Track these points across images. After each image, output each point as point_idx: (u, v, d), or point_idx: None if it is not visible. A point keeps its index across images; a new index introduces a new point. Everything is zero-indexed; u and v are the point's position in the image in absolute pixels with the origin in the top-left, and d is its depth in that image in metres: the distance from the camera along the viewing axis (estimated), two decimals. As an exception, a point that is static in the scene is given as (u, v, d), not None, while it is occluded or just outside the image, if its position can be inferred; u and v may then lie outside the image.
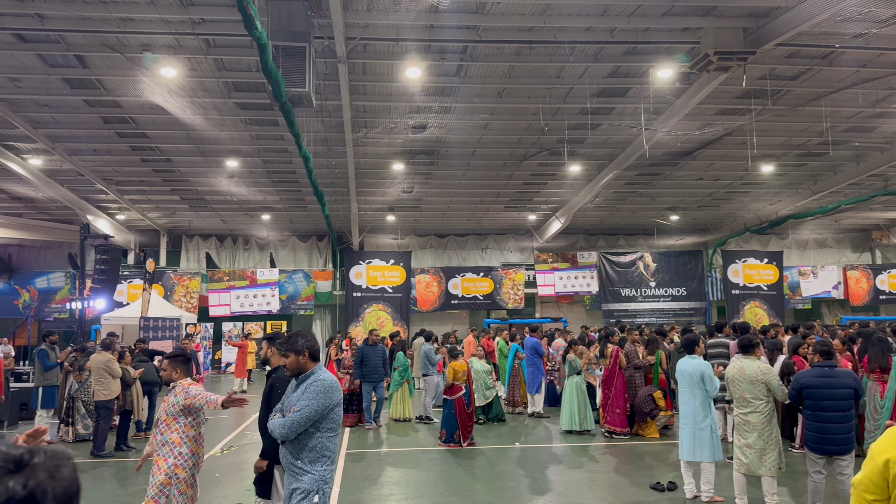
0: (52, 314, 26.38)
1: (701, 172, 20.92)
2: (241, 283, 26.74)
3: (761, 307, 28.24)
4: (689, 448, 7.45)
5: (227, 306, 26.49)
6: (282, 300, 26.94)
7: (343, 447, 10.81)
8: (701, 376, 7.44)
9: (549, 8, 11.24)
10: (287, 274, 27.39)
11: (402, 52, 12.65)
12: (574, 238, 29.77)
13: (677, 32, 12.06)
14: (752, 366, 6.97)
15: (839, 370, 6.63)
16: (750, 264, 28.60)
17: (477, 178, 20.98)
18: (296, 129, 12.77)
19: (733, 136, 17.25)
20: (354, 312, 27.07)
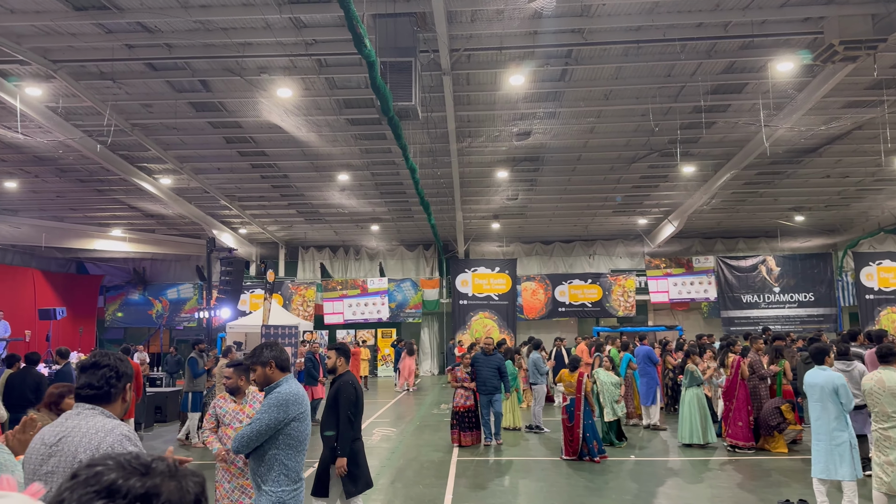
0: (181, 323, 28.38)
1: (828, 170, 19.53)
2: (352, 291, 27.65)
3: (901, 313, 25.93)
4: (823, 465, 6.94)
5: (340, 314, 27.46)
6: (391, 308, 27.60)
7: (453, 456, 10.89)
8: (834, 389, 6.92)
9: (658, 6, 10.90)
10: (396, 282, 28.04)
11: (505, 60, 12.67)
12: (689, 242, 28.58)
13: (797, 23, 11.35)
14: (894, 377, 6.41)
15: None
16: (886, 267, 26.31)
17: (583, 182, 20.62)
18: (403, 141, 13.07)
19: (863, 129, 15.99)
20: (461, 320, 27.28)
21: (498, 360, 11.79)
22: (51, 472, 2.59)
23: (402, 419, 15.03)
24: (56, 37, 11.65)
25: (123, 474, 1.25)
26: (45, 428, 2.73)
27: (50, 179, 19.34)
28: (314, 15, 11.00)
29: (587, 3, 10.59)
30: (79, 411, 2.77)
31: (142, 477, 1.25)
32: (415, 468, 9.97)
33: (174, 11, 10.79)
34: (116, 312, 28.68)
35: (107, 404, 2.82)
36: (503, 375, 11.83)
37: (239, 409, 5.65)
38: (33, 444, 2.70)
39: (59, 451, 2.63)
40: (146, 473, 1.26)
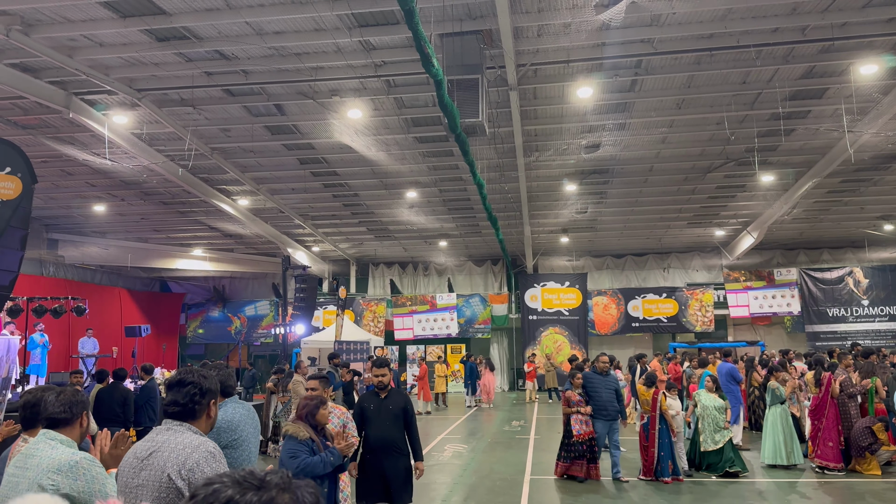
0: (259, 339, 29.27)
1: (919, 175, 18.42)
2: (422, 307, 27.85)
3: None
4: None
5: (409, 330, 27.69)
6: (460, 324, 27.65)
7: (526, 474, 10.75)
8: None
9: (731, 12, 10.60)
10: (464, 298, 28.08)
11: (572, 72, 12.58)
12: (769, 254, 27.45)
13: (881, 24, 10.82)
14: None
15: None
16: None
17: (655, 194, 20.16)
18: (470, 157, 13.12)
19: (961, 131, 15.02)
20: (531, 335, 27.03)
21: (615, 381, 10.52)
22: (141, 486, 2.70)
23: (474, 436, 14.97)
24: (140, 67, 12.33)
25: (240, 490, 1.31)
26: (139, 443, 2.86)
27: (135, 203, 20.39)
28: (383, 37, 11.24)
29: (657, 12, 10.41)
30: (168, 427, 2.87)
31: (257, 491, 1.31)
32: (487, 486, 9.89)
33: (250, 39, 11.24)
34: (197, 329, 29.83)
35: (192, 420, 2.90)
36: (620, 399, 10.52)
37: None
38: (127, 457, 2.83)
39: (149, 465, 2.74)
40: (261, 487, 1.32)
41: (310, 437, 5.05)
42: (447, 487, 9.82)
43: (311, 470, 4.90)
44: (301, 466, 4.85)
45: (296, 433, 5.05)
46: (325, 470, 4.99)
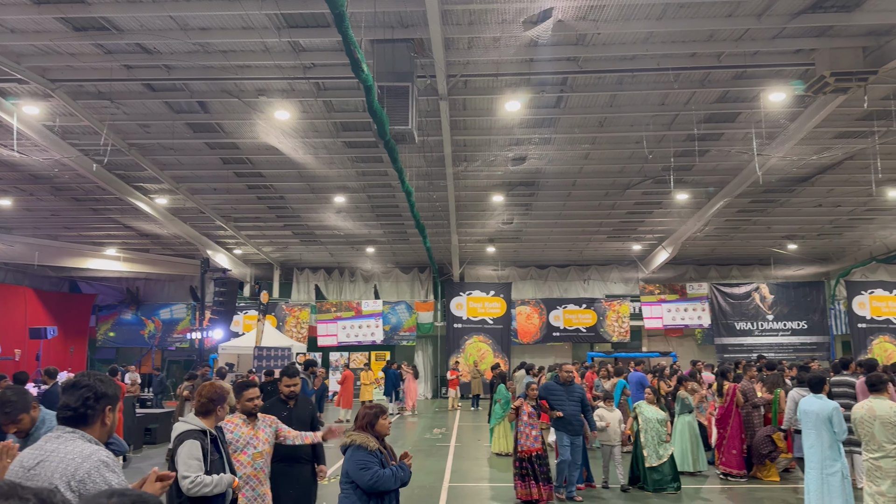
0: (174, 344, 28.23)
1: (820, 199, 19.68)
2: (347, 313, 27.58)
3: (892, 342, 25.96)
4: (817, 495, 6.92)
5: (334, 336, 27.36)
6: (385, 331, 27.53)
7: (445, 481, 10.80)
8: (829, 417, 6.93)
9: (652, 35, 11.07)
10: (390, 305, 28.00)
11: (501, 86, 12.81)
12: (683, 268, 28.66)
13: (789, 55, 11.54)
14: (885, 406, 6.43)
15: None
16: (878, 296, 26.43)
17: (578, 208, 20.73)
18: (399, 164, 13.14)
19: (855, 160, 16.17)
20: (455, 343, 27.21)
21: (580, 392, 9.59)
22: None
23: (394, 443, 14.92)
24: (55, 56, 11.75)
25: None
26: (25, 451, 2.65)
27: (45, 198, 19.35)
28: (313, 39, 11.13)
29: (582, 32, 10.74)
30: (58, 434, 2.66)
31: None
32: (405, 494, 9.87)
33: (173, 34, 10.91)
34: (108, 332, 28.50)
35: (85, 427, 2.70)
36: (587, 410, 9.60)
37: (253, 434, 5.36)
38: (12, 467, 2.63)
39: (35, 476, 2.53)
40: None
41: (378, 448, 4.83)
42: (365, 495, 9.74)
43: (383, 483, 4.66)
44: (374, 479, 4.63)
45: (365, 443, 4.77)
46: (395, 485, 4.76)
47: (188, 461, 4.23)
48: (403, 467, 4.82)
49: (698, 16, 10.43)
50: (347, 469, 4.72)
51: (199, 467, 4.24)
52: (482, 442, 14.81)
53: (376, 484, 4.61)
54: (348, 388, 19.42)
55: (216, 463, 4.42)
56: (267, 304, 20.87)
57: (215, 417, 4.55)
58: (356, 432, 4.88)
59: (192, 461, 4.24)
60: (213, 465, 4.36)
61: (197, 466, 4.23)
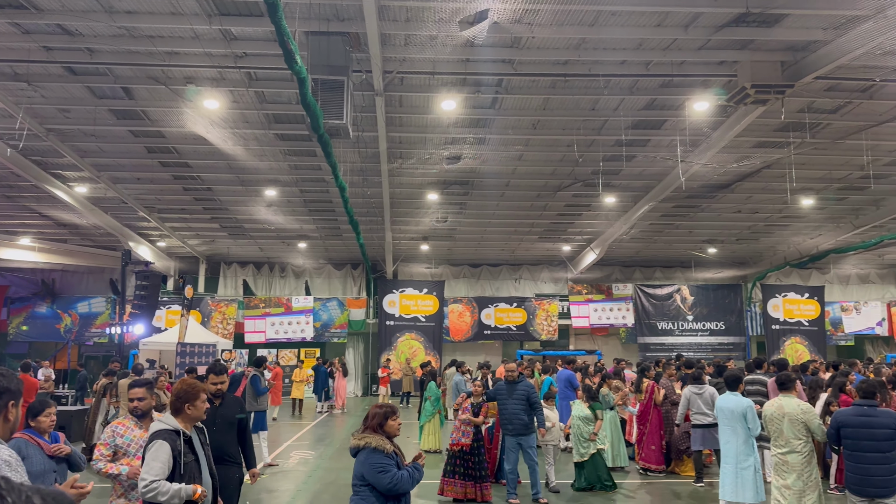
0: (92, 338, 27.02)
1: (739, 205, 20.61)
2: (276, 310, 27.07)
3: (802, 343, 27.49)
4: (732, 488, 7.24)
5: (262, 333, 26.80)
6: (316, 328, 27.17)
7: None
8: (743, 414, 7.26)
9: (585, 42, 11.32)
10: (322, 302, 27.65)
11: (437, 84, 12.84)
12: (609, 269, 29.47)
13: (713, 66, 12.03)
14: (792, 404, 6.79)
15: (880, 410, 6.40)
16: (790, 299, 27.93)
17: (511, 208, 21.01)
18: (333, 159, 13.00)
19: (772, 168, 17.00)
20: (387, 341, 27.14)
21: (525, 389, 9.06)
22: None
23: (322, 442, 14.74)
24: (-34, 33, 11.05)
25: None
26: None
27: (-48, 182, 18.19)
28: (245, 28, 10.86)
29: (517, 35, 10.88)
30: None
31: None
32: (331, 492, 9.78)
33: (97, 16, 10.43)
34: (21, 325, 27.02)
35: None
36: (535, 408, 9.04)
37: (143, 437, 5.01)
38: None
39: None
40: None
41: (394, 451, 4.73)
42: (290, 495, 9.60)
43: (401, 486, 4.60)
44: (394, 483, 4.57)
45: (381, 446, 4.67)
46: (412, 486, 4.71)
47: (151, 462, 4.05)
48: (418, 468, 4.79)
49: (628, 24, 10.73)
50: (363, 472, 4.64)
51: (162, 470, 4.03)
52: (411, 439, 14.82)
53: (396, 487, 4.57)
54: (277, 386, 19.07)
55: (191, 465, 4.20)
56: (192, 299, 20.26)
57: (186, 417, 4.32)
58: (369, 434, 4.79)
59: (155, 463, 4.04)
60: (186, 468, 4.14)
61: (159, 469, 4.02)
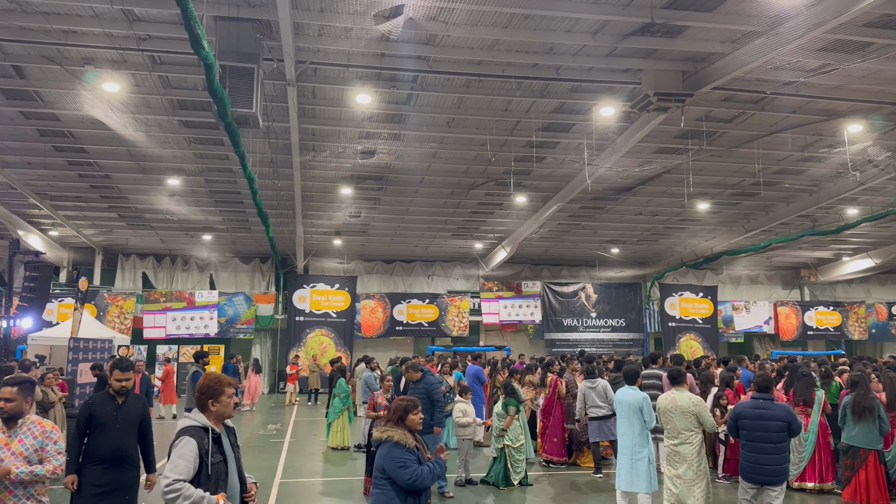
0: (-27, 333, 25.05)
1: (640, 208, 21.54)
2: (178, 304, 26.02)
3: (696, 340, 29.07)
4: (627, 478, 7.54)
5: (162, 328, 25.70)
6: (220, 323, 26.30)
7: (277, 477, 10.55)
8: (640, 407, 7.57)
9: (498, 43, 11.50)
10: (227, 296, 26.80)
11: (352, 77, 12.71)
12: (519, 267, 30.11)
13: (620, 73, 12.50)
14: (684, 397, 7.17)
15: (775, 403, 6.86)
16: (686, 298, 29.47)
17: (425, 205, 21.08)
18: (241, 149, 12.63)
19: (671, 173, 17.86)
20: (296, 337, 26.64)
21: (428, 386, 9.02)
22: None
23: (225, 440, 14.31)
24: None
25: None
26: None
27: None
28: (149, 9, 10.36)
29: (433, 32, 10.92)
30: None
31: None
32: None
33: (-17, -15, 9.69)
34: None
35: None
36: (436, 405, 8.94)
37: (4, 444, 4.45)
38: None
39: None
40: None
41: (416, 445, 4.64)
42: (190, 495, 9.27)
43: (421, 482, 4.57)
44: (414, 478, 4.53)
45: (403, 440, 4.61)
46: (433, 482, 4.68)
47: (176, 460, 3.77)
48: (440, 462, 4.76)
49: (540, 28, 10.99)
50: (384, 465, 4.61)
51: (187, 470, 3.74)
52: (318, 437, 14.64)
53: (416, 482, 4.55)
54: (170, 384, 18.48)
55: (218, 467, 3.91)
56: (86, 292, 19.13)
57: (212, 414, 4.02)
58: (392, 427, 4.72)
59: (181, 461, 3.75)
60: (213, 469, 3.86)
61: (184, 468, 3.73)
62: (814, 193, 19.66)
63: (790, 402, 9.94)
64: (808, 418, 9.55)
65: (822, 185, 19.09)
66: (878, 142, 15.51)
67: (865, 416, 8.09)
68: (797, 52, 10.99)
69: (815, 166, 17.50)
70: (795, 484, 9.40)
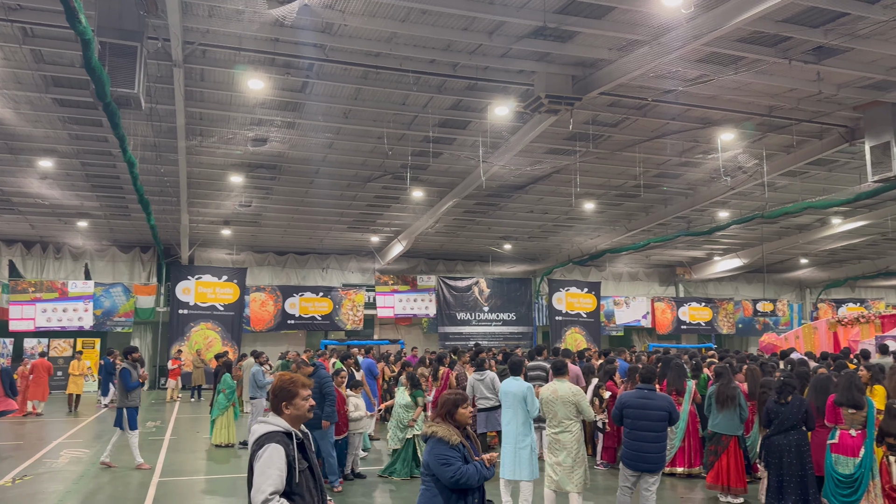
0: None
1: (532, 206, 22.20)
2: (49, 295, 24.23)
3: (580, 333, 30.36)
4: (510, 467, 7.75)
5: (31, 320, 23.86)
6: (96, 315, 24.74)
7: (155, 476, 10.08)
8: (523, 397, 7.81)
9: (396, 36, 11.48)
10: (104, 287, 25.23)
11: (244, 61, 12.27)
12: (415, 261, 30.26)
13: (514, 74, 12.80)
14: (565, 388, 7.48)
15: (657, 394, 7.28)
16: (572, 293, 30.72)
17: (320, 196, 20.71)
18: (121, 131, 11.91)
19: (561, 174, 18.52)
20: (179, 331, 25.49)
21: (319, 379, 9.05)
22: None
23: (100, 439, 13.49)
24: None
25: None
26: None
27: None
28: (19, -25, 9.57)
29: (329, 20, 10.75)
30: None
31: None
32: (108, 492, 9.02)
33: None
34: None
35: None
36: (326, 399, 9.06)
37: None
38: None
39: None
40: None
41: (461, 442, 4.47)
42: (57, 497, 8.70)
43: (466, 481, 4.40)
44: (457, 476, 4.37)
45: (447, 437, 4.42)
46: (479, 483, 4.50)
47: (267, 470, 3.37)
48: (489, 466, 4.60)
49: (438, 24, 11.07)
50: (428, 462, 4.45)
51: (281, 480, 3.35)
52: (201, 434, 14.10)
53: (460, 481, 4.38)
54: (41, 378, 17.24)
55: (305, 475, 3.55)
56: (-59, 281, 17.50)
57: (287, 418, 3.65)
58: (438, 423, 4.50)
59: (272, 471, 3.36)
60: (301, 476, 3.50)
61: (278, 479, 3.35)
62: (689, 196, 21.01)
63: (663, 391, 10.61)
64: (679, 407, 10.22)
65: (697, 189, 20.43)
66: (747, 150, 16.78)
67: (728, 405, 8.78)
68: (678, 63, 11.68)
69: (691, 171, 18.69)
70: (667, 469, 10.04)
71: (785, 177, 18.85)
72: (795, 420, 7.48)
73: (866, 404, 7.23)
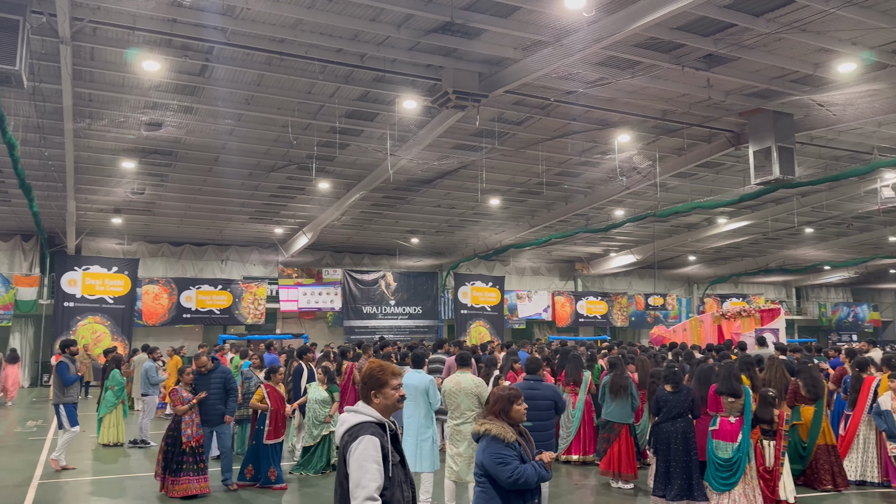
0: None
1: (439, 200, 22.36)
2: (-88, 286, 22.15)
3: (485, 326, 30.90)
4: (412, 459, 7.79)
5: None
6: (-30, 308, 22.85)
7: (35, 478, 9.45)
8: (425, 390, 7.88)
9: (301, 23, 11.22)
10: (-21, 278, 23.34)
11: (138, 41, 11.64)
12: (321, 254, 29.79)
13: (422, 68, 12.81)
14: (468, 379, 7.60)
15: (543, 384, 7.50)
16: (477, 287, 31.20)
17: (220, 185, 19.98)
18: (0, 111, 11.04)
19: (467, 169, 18.75)
20: (64, 324, 23.93)
21: (223, 374, 9.15)
22: None
23: (-30, 441, 12.49)
24: None
25: None
26: None
27: None
28: None
29: (231, 3, 10.37)
30: None
31: None
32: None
33: None
34: None
35: None
36: (230, 395, 9.13)
37: None
38: None
39: None
40: None
41: (516, 440, 4.26)
42: (-81, 507, 7.99)
43: (524, 481, 4.17)
44: (515, 476, 4.15)
45: (502, 434, 4.21)
46: (536, 483, 4.28)
47: (366, 464, 3.11)
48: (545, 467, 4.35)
49: (345, 13, 10.91)
50: (483, 462, 4.18)
51: (381, 474, 3.11)
52: (88, 433, 13.32)
53: (518, 481, 4.17)
54: None
55: (398, 470, 3.28)
56: None
57: (376, 408, 3.42)
58: (491, 420, 4.23)
59: (372, 465, 3.11)
60: (394, 470, 3.23)
61: (378, 473, 3.11)
62: (588, 195, 21.80)
63: (561, 382, 10.98)
64: (576, 396, 10.62)
65: (596, 188, 21.22)
66: (642, 151, 17.59)
67: (620, 394, 9.20)
68: (579, 65, 12.08)
69: (590, 170, 19.39)
70: (563, 457, 10.42)
71: (676, 178, 19.91)
72: (683, 408, 7.93)
73: (744, 393, 7.76)
